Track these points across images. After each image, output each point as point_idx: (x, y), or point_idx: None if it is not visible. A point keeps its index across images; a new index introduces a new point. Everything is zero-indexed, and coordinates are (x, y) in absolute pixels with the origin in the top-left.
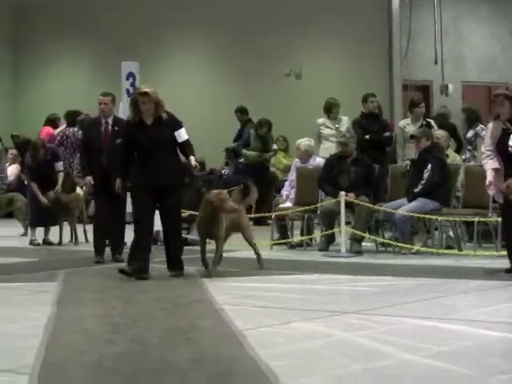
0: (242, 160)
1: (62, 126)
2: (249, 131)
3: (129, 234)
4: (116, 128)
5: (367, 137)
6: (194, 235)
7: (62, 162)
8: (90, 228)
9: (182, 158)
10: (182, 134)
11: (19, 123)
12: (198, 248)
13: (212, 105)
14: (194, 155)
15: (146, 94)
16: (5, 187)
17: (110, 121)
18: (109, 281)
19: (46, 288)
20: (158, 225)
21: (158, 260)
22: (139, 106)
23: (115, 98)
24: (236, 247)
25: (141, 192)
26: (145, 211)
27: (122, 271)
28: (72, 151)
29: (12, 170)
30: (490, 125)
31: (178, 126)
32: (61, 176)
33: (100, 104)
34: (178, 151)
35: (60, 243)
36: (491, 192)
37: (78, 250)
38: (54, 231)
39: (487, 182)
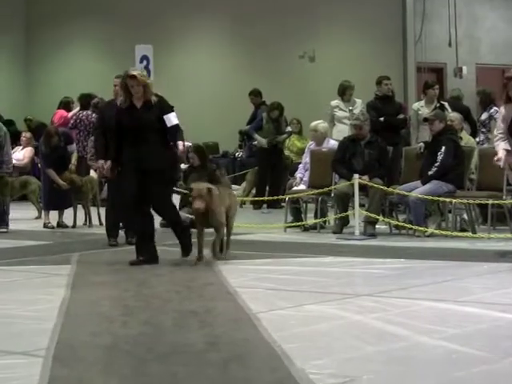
0: (255, 143)
1: (76, 109)
2: (262, 114)
3: None
4: None
5: (382, 119)
6: None
7: (74, 144)
8: (103, 211)
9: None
10: (171, 119)
11: (33, 107)
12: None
13: (225, 87)
14: (182, 140)
15: (133, 77)
16: (9, 170)
17: None
18: (122, 264)
19: (60, 271)
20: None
21: (170, 243)
22: (129, 90)
23: None
24: (248, 230)
25: (127, 174)
26: (129, 193)
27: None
28: (86, 134)
29: (26, 153)
30: (502, 108)
31: (168, 110)
32: (74, 155)
33: (115, 86)
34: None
35: (74, 226)
36: (501, 164)
37: (92, 232)
38: (68, 214)
39: (496, 158)
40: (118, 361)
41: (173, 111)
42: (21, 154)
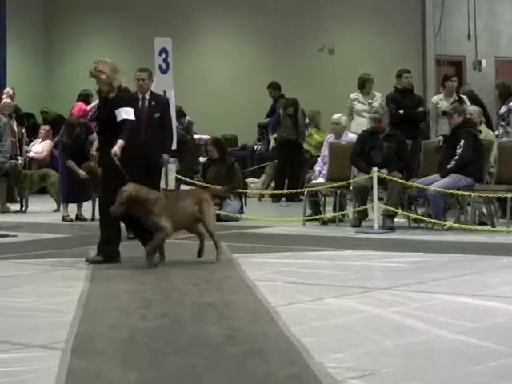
0: (275, 136)
1: (95, 102)
2: (279, 110)
3: None
4: (153, 103)
5: (402, 112)
6: (227, 211)
7: (95, 134)
8: None
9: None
10: (121, 113)
11: (52, 99)
12: (230, 223)
13: (244, 80)
14: (123, 140)
15: (90, 74)
16: (3, 160)
17: (147, 96)
18: (141, 256)
19: (78, 264)
20: None
21: (190, 236)
22: None
23: (152, 73)
24: (267, 223)
25: None
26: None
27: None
28: None
29: (45, 146)
30: None
31: (122, 104)
32: (95, 143)
33: (138, 80)
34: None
35: (93, 219)
36: None
37: None
38: (87, 207)
39: None
40: (136, 354)
41: (127, 106)
42: (40, 147)
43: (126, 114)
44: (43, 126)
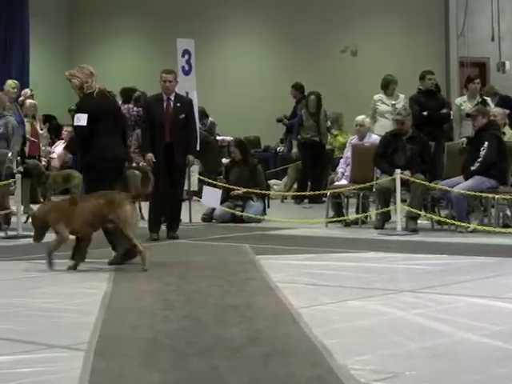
0: (299, 137)
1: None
2: (301, 111)
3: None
4: (178, 104)
5: (425, 113)
6: (250, 212)
7: None
8: (144, 205)
9: None
10: (75, 119)
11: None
12: (253, 225)
13: (267, 81)
14: (64, 148)
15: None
16: (10, 164)
17: (173, 97)
18: (164, 257)
19: (101, 265)
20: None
21: (213, 237)
22: None
23: (176, 74)
24: (290, 225)
25: None
26: None
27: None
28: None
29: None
30: None
31: (78, 110)
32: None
33: (165, 82)
34: None
35: None
36: None
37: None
38: None
39: None
40: (159, 355)
41: (81, 112)
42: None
43: (78, 119)
44: (66, 127)
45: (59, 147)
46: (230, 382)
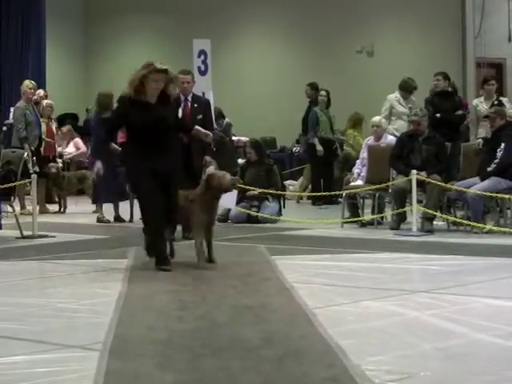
0: (318, 134)
1: None
2: (314, 110)
3: None
4: (196, 105)
5: (438, 115)
6: (265, 213)
7: None
8: None
9: None
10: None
11: (91, 100)
12: (268, 225)
13: (283, 82)
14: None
15: (164, 71)
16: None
17: (190, 98)
18: (179, 257)
19: (117, 265)
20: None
21: (228, 238)
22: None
23: (193, 75)
24: (305, 225)
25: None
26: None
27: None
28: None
29: (78, 144)
30: None
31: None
32: None
33: (182, 82)
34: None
35: (131, 220)
36: None
37: None
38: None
39: None
40: (174, 355)
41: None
42: (71, 148)
43: None
44: (63, 127)
45: (69, 148)
46: (244, 382)
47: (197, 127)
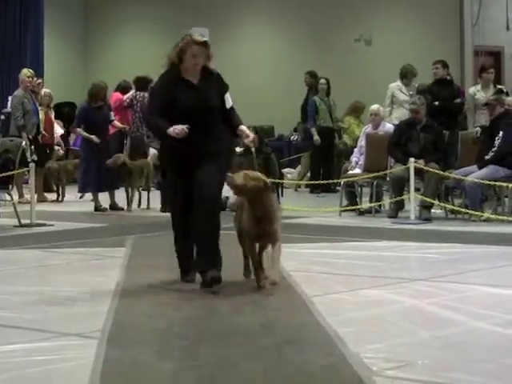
0: (317, 123)
1: (131, 92)
2: (313, 99)
3: None
4: None
5: (436, 103)
6: None
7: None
8: (153, 195)
9: None
10: (229, 99)
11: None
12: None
13: (281, 71)
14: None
15: (204, 44)
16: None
17: None
18: None
19: (115, 253)
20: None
21: (226, 226)
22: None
23: None
24: (303, 214)
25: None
26: None
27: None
28: (141, 116)
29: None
30: None
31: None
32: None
33: None
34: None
35: (129, 209)
36: None
37: (147, 215)
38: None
39: None
40: (172, 343)
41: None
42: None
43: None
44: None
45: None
46: (243, 370)
47: (243, 127)
